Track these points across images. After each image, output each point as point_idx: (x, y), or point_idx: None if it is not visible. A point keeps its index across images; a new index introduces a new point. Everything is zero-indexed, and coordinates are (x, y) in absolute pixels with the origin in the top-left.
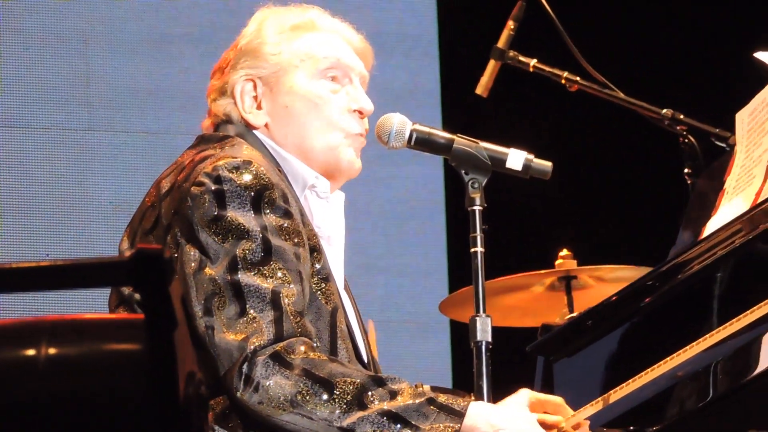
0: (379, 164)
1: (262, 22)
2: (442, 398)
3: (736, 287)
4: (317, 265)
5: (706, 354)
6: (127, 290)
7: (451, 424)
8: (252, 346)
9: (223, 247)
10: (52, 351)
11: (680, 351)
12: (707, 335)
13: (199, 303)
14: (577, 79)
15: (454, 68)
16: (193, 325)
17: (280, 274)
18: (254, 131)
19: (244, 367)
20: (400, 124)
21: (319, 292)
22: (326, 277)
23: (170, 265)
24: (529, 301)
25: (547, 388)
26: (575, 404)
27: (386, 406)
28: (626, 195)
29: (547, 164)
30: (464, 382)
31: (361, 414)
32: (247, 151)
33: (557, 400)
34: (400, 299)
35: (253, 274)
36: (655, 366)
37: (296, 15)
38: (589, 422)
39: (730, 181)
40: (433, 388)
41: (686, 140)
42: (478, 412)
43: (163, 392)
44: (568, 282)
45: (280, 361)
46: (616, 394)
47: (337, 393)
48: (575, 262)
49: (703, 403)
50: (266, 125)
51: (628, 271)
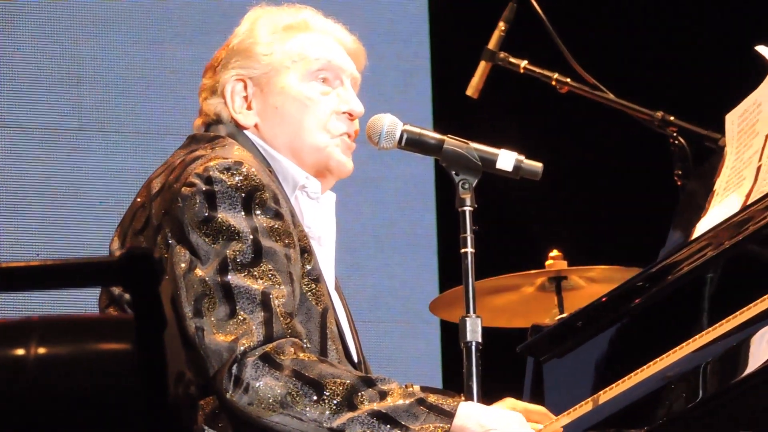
0: (370, 165)
1: (255, 22)
2: (432, 398)
3: (726, 288)
4: (307, 266)
5: (696, 355)
6: (117, 290)
7: (441, 425)
8: (242, 348)
9: (213, 248)
10: (42, 351)
11: (670, 352)
12: (697, 336)
13: (189, 304)
14: (568, 80)
15: (445, 69)
16: (183, 326)
17: (270, 276)
18: (245, 131)
19: (234, 368)
20: (390, 124)
21: (310, 293)
22: (317, 278)
23: (160, 265)
24: (520, 302)
25: (537, 388)
26: (565, 405)
27: (376, 406)
28: (616, 196)
29: (538, 165)
30: (454, 383)
31: (350, 415)
32: (238, 151)
33: (540, 409)
34: (391, 299)
35: (243, 275)
36: (645, 367)
37: (289, 15)
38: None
39: (720, 183)
40: (423, 389)
41: (676, 142)
42: (468, 412)
43: (152, 392)
44: (558, 283)
45: (270, 362)
46: (606, 395)
47: (327, 394)
48: (565, 262)
49: (693, 404)
50: (256, 125)
51: (618, 272)
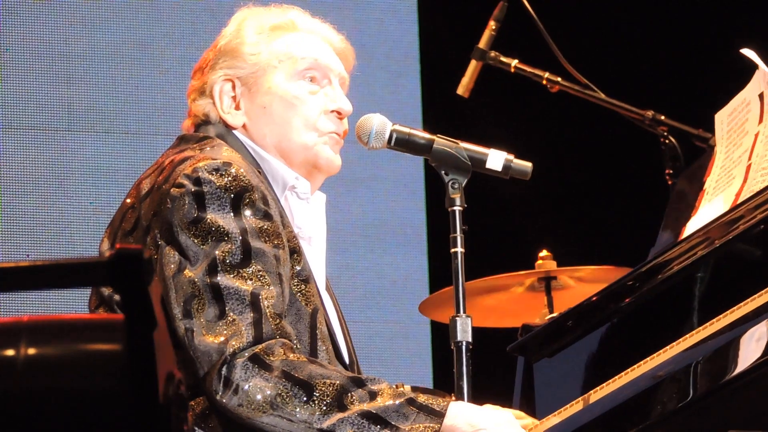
0: (360, 165)
1: (242, 22)
2: (422, 398)
3: (716, 287)
4: (297, 267)
5: (686, 354)
6: (107, 291)
7: (431, 424)
8: (231, 349)
9: (202, 249)
10: (31, 351)
11: (660, 351)
12: (687, 335)
13: (179, 305)
14: (559, 79)
15: (435, 69)
16: (173, 327)
17: (259, 276)
18: (234, 131)
19: (224, 369)
20: (380, 124)
21: (299, 294)
22: (306, 279)
23: (150, 265)
24: (510, 302)
25: (527, 388)
26: (555, 404)
27: (366, 407)
28: (606, 195)
29: (527, 165)
30: (445, 383)
31: (340, 415)
32: (227, 152)
33: (521, 415)
34: (381, 300)
35: (232, 276)
36: (635, 366)
37: (276, 15)
38: None
39: (710, 182)
40: (414, 389)
41: (667, 141)
42: (458, 412)
43: (142, 392)
44: (548, 282)
45: (260, 363)
46: (596, 395)
47: (317, 395)
48: (555, 262)
49: (684, 403)
50: (244, 125)
51: (608, 272)
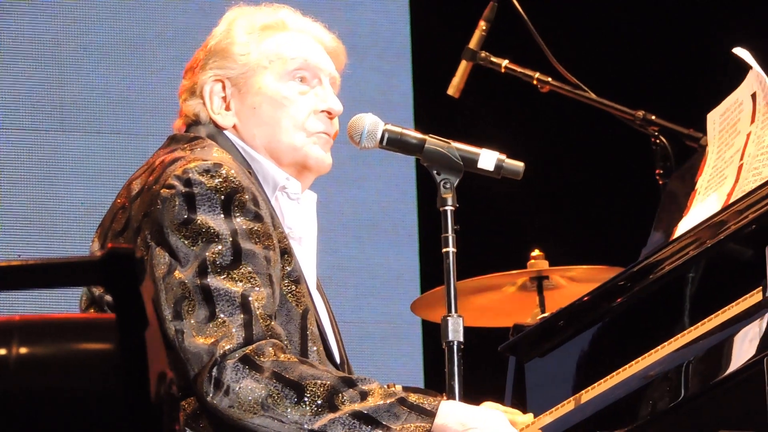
0: (351, 165)
1: (232, 22)
2: (413, 398)
3: (708, 288)
4: (288, 268)
5: (678, 354)
6: (97, 291)
7: (422, 424)
8: (221, 350)
9: (192, 250)
10: (23, 350)
11: (652, 351)
12: (679, 335)
13: (169, 307)
14: (549, 79)
15: (427, 69)
16: (163, 329)
17: (249, 278)
18: (224, 132)
19: (214, 371)
20: (372, 124)
21: (290, 295)
22: (297, 279)
23: (141, 264)
24: (501, 302)
25: (519, 388)
26: (546, 404)
27: (357, 407)
28: (598, 195)
29: (519, 164)
30: (436, 382)
31: (332, 416)
32: (218, 153)
33: (516, 412)
34: (372, 300)
35: (222, 277)
36: (627, 366)
37: (266, 15)
38: None
39: (702, 182)
40: (405, 389)
41: (658, 141)
42: (449, 411)
43: (134, 391)
44: (539, 282)
45: (250, 364)
46: (588, 395)
47: (308, 395)
48: (547, 262)
49: (675, 403)
50: (235, 126)
51: (600, 272)
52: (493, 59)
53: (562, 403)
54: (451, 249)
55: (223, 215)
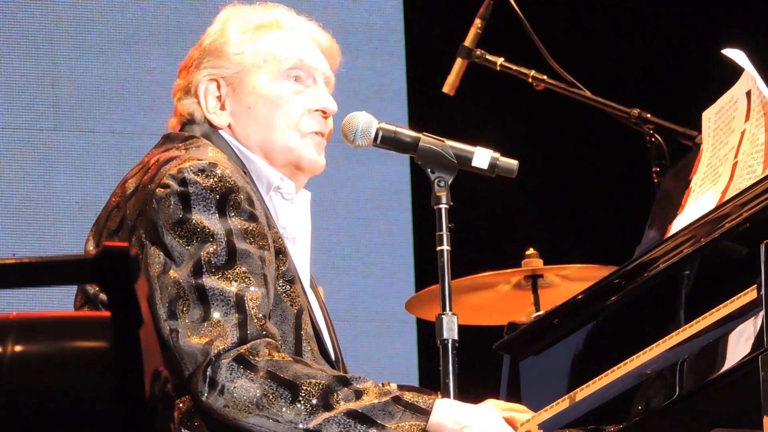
0: (346, 163)
1: (227, 21)
2: (408, 396)
3: (702, 285)
4: (282, 268)
5: (672, 352)
6: (92, 289)
7: (417, 422)
8: (216, 350)
9: (187, 250)
10: (18, 348)
11: (646, 349)
12: (674, 333)
13: (164, 306)
14: (544, 77)
15: (421, 67)
16: (157, 328)
17: (244, 278)
18: (219, 131)
19: (209, 370)
20: (366, 122)
21: (284, 295)
22: (291, 279)
23: (136, 263)
24: (496, 300)
25: (513, 386)
26: (541, 402)
27: (352, 406)
28: (593, 194)
29: (513, 163)
30: (431, 381)
31: (326, 415)
32: (213, 152)
33: (521, 408)
34: (367, 298)
35: (217, 277)
36: (621, 364)
37: (260, 14)
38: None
39: (696, 180)
40: (400, 387)
41: (653, 139)
42: (444, 409)
43: (129, 390)
44: (534, 280)
45: (245, 363)
46: (582, 393)
47: (303, 395)
48: (541, 260)
49: (670, 401)
50: (229, 125)
51: (594, 270)
52: (489, 57)
53: (557, 401)
54: (446, 247)
55: (218, 215)
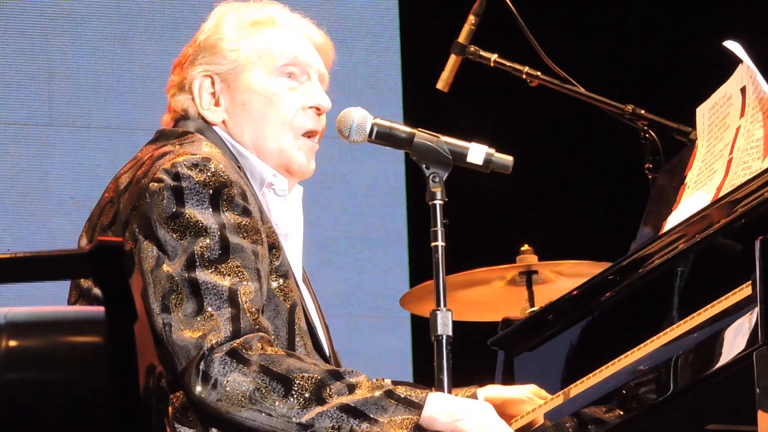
0: (340, 159)
1: (221, 18)
2: (401, 390)
3: (697, 282)
4: (276, 263)
5: (667, 348)
6: (86, 284)
7: (410, 416)
8: (209, 344)
9: (180, 244)
10: (12, 343)
11: (641, 345)
12: (668, 329)
13: (157, 300)
14: (538, 74)
15: (416, 63)
16: (151, 322)
17: (237, 272)
18: (213, 127)
19: (201, 364)
20: (360, 118)
21: (278, 290)
22: (285, 274)
23: (130, 258)
24: (490, 296)
25: (508, 382)
26: None
27: (344, 400)
28: (587, 190)
29: (508, 159)
30: (425, 376)
31: (319, 409)
32: (207, 147)
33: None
34: (361, 294)
35: (210, 271)
36: (616, 360)
37: (255, 10)
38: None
39: (691, 176)
40: (394, 383)
41: (647, 135)
42: (437, 403)
43: (123, 385)
44: (529, 276)
45: (238, 357)
46: (577, 389)
47: (296, 389)
48: (536, 256)
49: (664, 397)
50: (224, 122)
51: (589, 266)
52: (483, 53)
53: (551, 397)
54: (440, 243)
55: (211, 209)
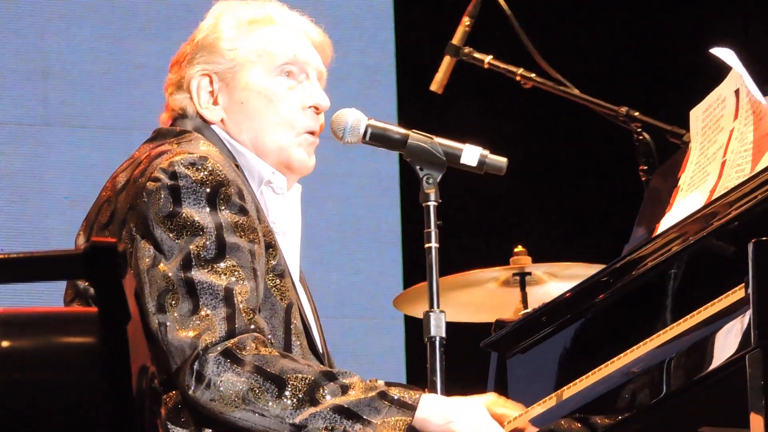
0: (334, 160)
1: (219, 17)
2: (394, 392)
3: (690, 284)
4: (272, 262)
5: (660, 350)
6: (82, 284)
7: (403, 417)
8: (203, 344)
9: (177, 243)
10: (5, 344)
11: (634, 347)
12: (661, 332)
13: (153, 299)
14: (533, 75)
15: (410, 64)
16: (146, 322)
17: (233, 271)
18: (211, 126)
19: (196, 364)
20: (355, 119)
21: (274, 289)
22: (281, 273)
23: (124, 258)
24: (484, 297)
25: (501, 384)
26: (528, 400)
27: (338, 401)
28: (581, 192)
29: (502, 160)
30: (418, 378)
31: (313, 410)
32: (204, 146)
33: (516, 405)
34: (355, 295)
35: (206, 271)
36: (609, 362)
37: (253, 9)
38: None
39: (685, 178)
40: (387, 384)
41: (641, 137)
42: (430, 404)
43: (116, 385)
44: (522, 278)
45: (232, 357)
46: (570, 391)
47: (289, 389)
48: (530, 258)
49: (657, 400)
50: (222, 120)
51: (583, 268)
52: (477, 55)
53: (544, 399)
54: (434, 244)
55: (208, 208)
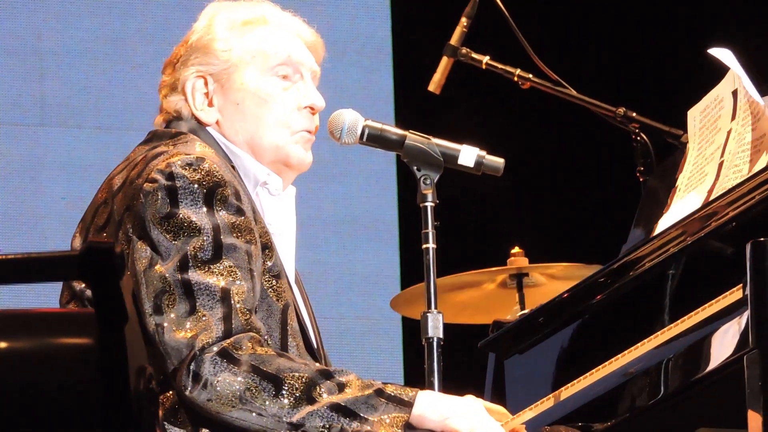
0: (332, 161)
1: (213, 18)
2: (390, 389)
3: (688, 285)
4: (269, 263)
5: (658, 351)
6: (78, 286)
7: (400, 415)
8: (200, 344)
9: (174, 244)
10: (2, 345)
11: (632, 348)
12: (659, 332)
13: (150, 300)
14: (530, 76)
15: (408, 65)
16: (143, 323)
17: (230, 272)
18: (207, 128)
19: (192, 364)
20: (352, 120)
21: (271, 290)
22: (278, 274)
23: (121, 259)
24: (481, 298)
25: (498, 385)
26: (526, 401)
27: (335, 399)
28: (578, 192)
29: (500, 161)
30: (416, 379)
31: (310, 408)
32: (201, 147)
33: (499, 409)
34: (352, 296)
35: (203, 272)
36: (607, 363)
37: (247, 10)
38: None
39: (682, 179)
40: (383, 383)
41: (639, 138)
42: (427, 401)
43: (113, 386)
44: (519, 279)
45: (228, 357)
46: (567, 391)
47: (286, 388)
48: (527, 259)
49: (655, 400)
50: (217, 122)
51: (580, 269)
52: (474, 55)
53: (541, 400)
54: (431, 245)
55: (205, 209)
